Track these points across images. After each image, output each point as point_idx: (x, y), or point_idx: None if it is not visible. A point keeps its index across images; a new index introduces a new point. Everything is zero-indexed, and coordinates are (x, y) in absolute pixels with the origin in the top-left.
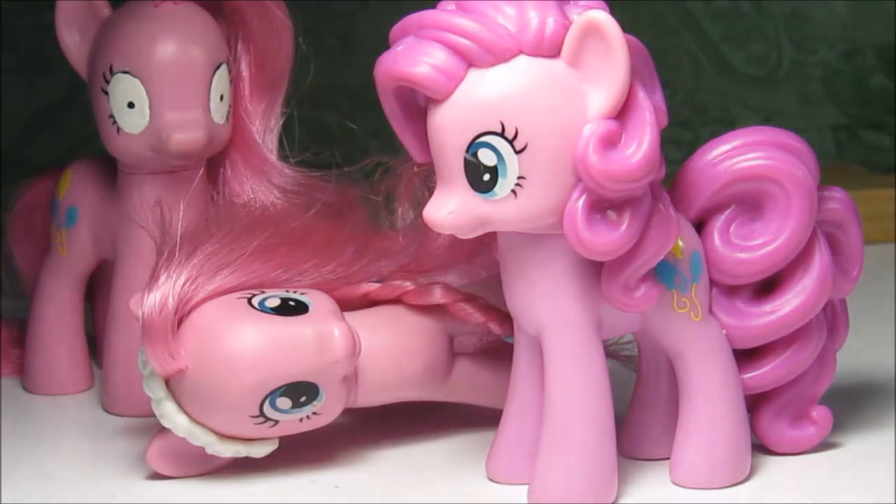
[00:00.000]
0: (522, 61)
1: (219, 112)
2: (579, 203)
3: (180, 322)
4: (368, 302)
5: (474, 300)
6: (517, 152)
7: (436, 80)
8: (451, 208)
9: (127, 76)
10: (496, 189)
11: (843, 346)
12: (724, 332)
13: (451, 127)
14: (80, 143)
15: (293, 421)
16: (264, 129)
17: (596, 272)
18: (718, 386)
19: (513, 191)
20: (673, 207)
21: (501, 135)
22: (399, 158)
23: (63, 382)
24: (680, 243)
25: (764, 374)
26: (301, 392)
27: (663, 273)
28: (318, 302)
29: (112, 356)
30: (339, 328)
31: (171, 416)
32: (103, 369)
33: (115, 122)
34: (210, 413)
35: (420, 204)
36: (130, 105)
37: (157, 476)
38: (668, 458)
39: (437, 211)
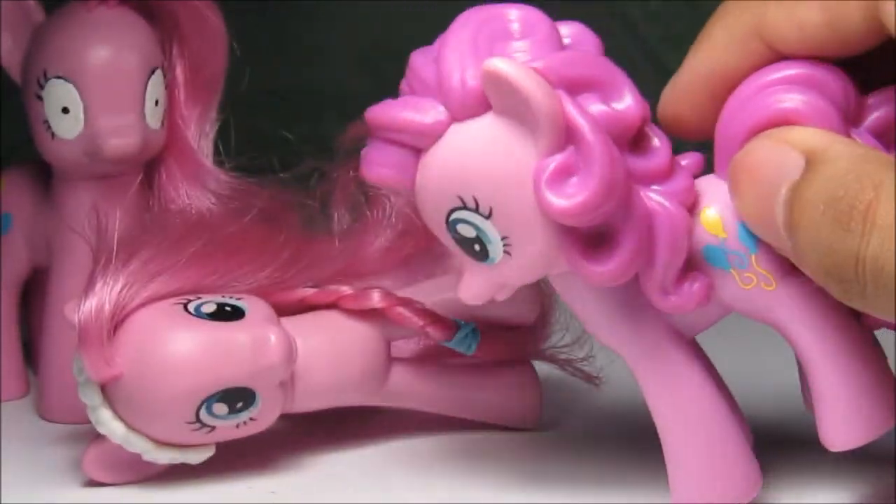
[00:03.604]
0: (454, 132)
1: (154, 117)
2: (572, 242)
3: (116, 328)
4: (305, 307)
5: (412, 304)
6: (487, 217)
7: (394, 178)
8: (468, 285)
9: (61, 81)
10: (491, 255)
11: None
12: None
13: (426, 215)
14: (13, 150)
15: (230, 427)
16: (199, 135)
17: (637, 288)
18: (829, 341)
19: (506, 251)
20: (675, 201)
21: (465, 207)
22: (334, 163)
23: None
24: (717, 220)
25: None
26: (237, 398)
27: (713, 257)
28: (254, 307)
29: (47, 363)
30: (275, 333)
31: (107, 422)
32: (39, 376)
33: (49, 127)
34: (146, 419)
35: (355, 208)
36: (65, 110)
37: (93, 483)
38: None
39: (464, 294)
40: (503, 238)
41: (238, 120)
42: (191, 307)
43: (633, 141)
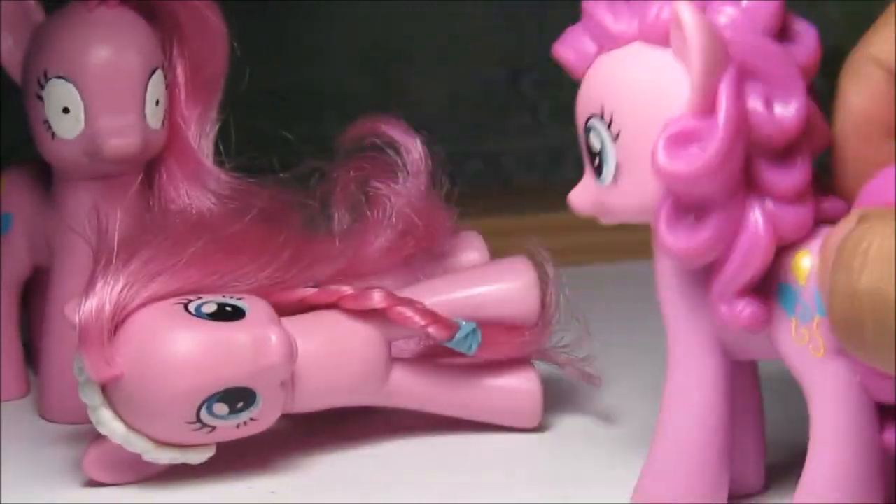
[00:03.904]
0: (634, 48)
1: (154, 117)
2: (664, 204)
3: (116, 328)
4: (305, 307)
5: (412, 304)
6: (613, 139)
7: (572, 61)
8: (578, 190)
9: (61, 81)
10: (604, 175)
11: None
12: (857, 378)
13: (578, 107)
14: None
15: (230, 427)
16: (200, 135)
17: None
18: (840, 432)
19: (614, 178)
20: (771, 225)
21: (601, 118)
22: (335, 163)
23: None
24: (806, 268)
25: None
26: (238, 398)
27: (784, 297)
28: (254, 307)
29: (48, 363)
30: (276, 333)
31: (108, 422)
32: (39, 376)
33: (49, 127)
34: (146, 419)
35: (356, 208)
36: (65, 110)
37: (93, 483)
38: None
39: (573, 195)
40: (617, 164)
41: (238, 120)
42: (191, 307)
43: (778, 150)
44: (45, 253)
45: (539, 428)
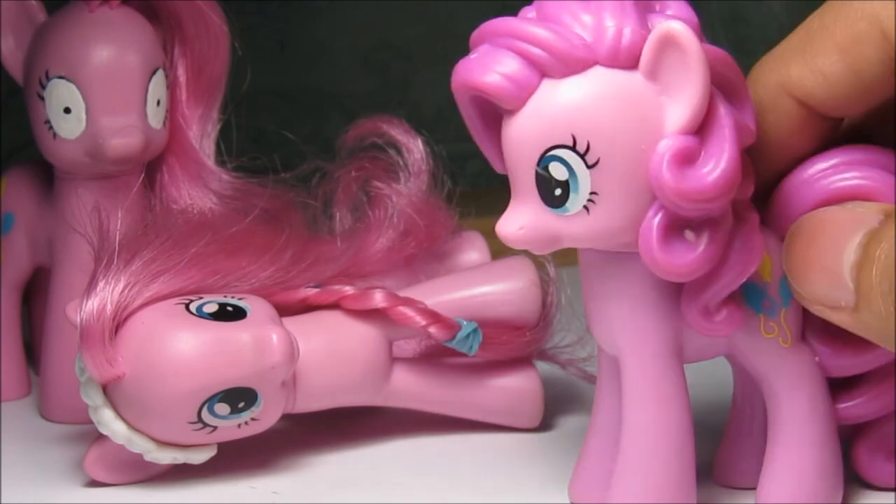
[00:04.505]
0: (597, 73)
1: (156, 117)
2: (655, 222)
3: (118, 328)
4: (307, 307)
5: (414, 304)
6: (589, 167)
7: (507, 89)
8: (522, 223)
9: (63, 81)
10: (568, 204)
11: None
12: (816, 358)
13: (522, 139)
14: (15, 150)
15: (231, 427)
16: (201, 135)
17: (677, 294)
18: (807, 413)
19: (585, 207)
20: (760, 229)
21: (573, 148)
22: (336, 163)
23: (0, 389)
24: (769, 266)
25: (859, 404)
26: (239, 398)
27: (751, 296)
28: (256, 307)
29: (49, 363)
30: (277, 333)
31: (109, 422)
32: (41, 376)
33: (51, 127)
34: (148, 419)
35: (357, 208)
36: (67, 110)
37: (95, 483)
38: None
39: (508, 226)
40: (592, 192)
41: (240, 120)
42: (193, 307)
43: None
44: (46, 253)
45: (540, 428)
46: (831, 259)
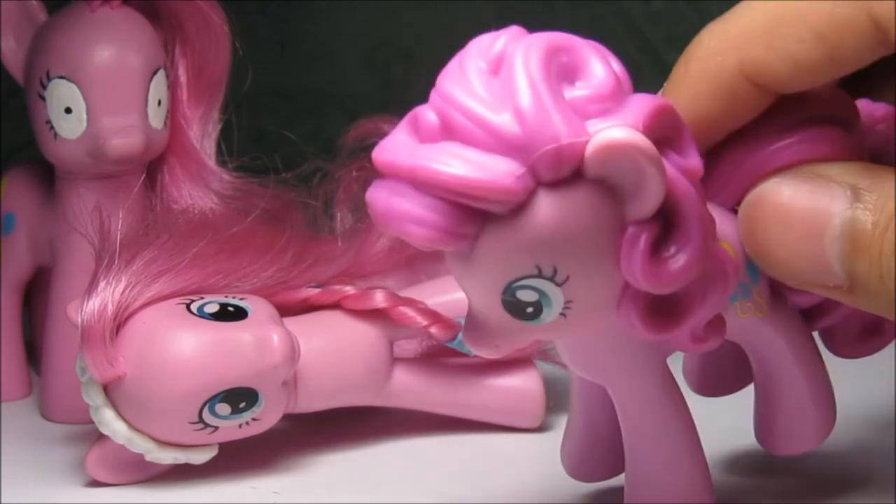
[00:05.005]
0: (543, 197)
1: (157, 117)
2: (634, 301)
3: (119, 328)
4: (308, 307)
5: (414, 304)
6: (559, 285)
7: (444, 241)
8: (497, 342)
9: (64, 81)
10: (542, 317)
11: None
12: (789, 301)
13: (478, 282)
14: (16, 150)
15: (232, 427)
16: (202, 135)
17: None
18: (804, 359)
19: (562, 314)
20: (723, 254)
21: (539, 276)
22: (337, 163)
23: (1, 389)
24: (731, 251)
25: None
26: (240, 398)
27: None
28: (257, 307)
29: (50, 363)
30: (278, 333)
31: (110, 423)
32: (42, 376)
33: (52, 127)
34: (149, 420)
35: (358, 208)
36: (68, 110)
37: (95, 484)
38: None
39: (481, 347)
40: (567, 302)
41: (241, 120)
42: (193, 307)
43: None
44: (47, 253)
45: (540, 428)
46: (811, 247)
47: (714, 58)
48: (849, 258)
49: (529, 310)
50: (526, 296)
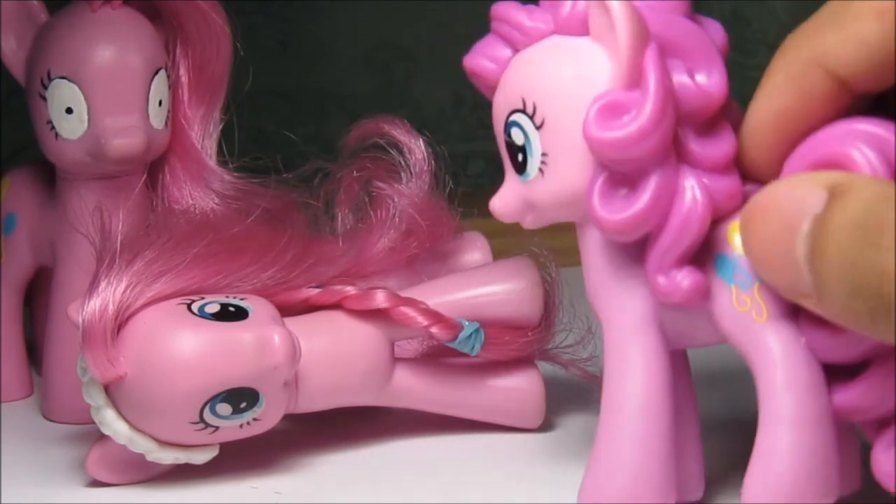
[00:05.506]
0: (549, 41)
1: (158, 117)
2: (597, 182)
3: (120, 328)
4: (309, 307)
5: (415, 304)
6: (537, 128)
7: (486, 68)
8: (501, 194)
9: (65, 81)
10: (528, 169)
11: None
12: (803, 339)
13: (495, 111)
14: (17, 150)
15: (233, 427)
16: (203, 135)
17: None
18: (781, 391)
19: (540, 169)
20: (706, 193)
21: (523, 111)
22: (338, 163)
23: (2, 390)
24: (737, 239)
25: (857, 393)
26: (241, 398)
27: (722, 267)
28: (257, 307)
29: (51, 363)
30: (279, 333)
31: (111, 423)
32: (43, 376)
33: (53, 127)
34: (150, 420)
35: (359, 209)
36: (69, 111)
37: (96, 484)
38: None
39: (493, 199)
40: (543, 154)
41: (242, 120)
42: (194, 307)
43: (705, 122)
44: (48, 253)
45: (541, 428)
46: (785, 248)
47: (791, 49)
48: (809, 259)
49: (520, 157)
50: (517, 136)
